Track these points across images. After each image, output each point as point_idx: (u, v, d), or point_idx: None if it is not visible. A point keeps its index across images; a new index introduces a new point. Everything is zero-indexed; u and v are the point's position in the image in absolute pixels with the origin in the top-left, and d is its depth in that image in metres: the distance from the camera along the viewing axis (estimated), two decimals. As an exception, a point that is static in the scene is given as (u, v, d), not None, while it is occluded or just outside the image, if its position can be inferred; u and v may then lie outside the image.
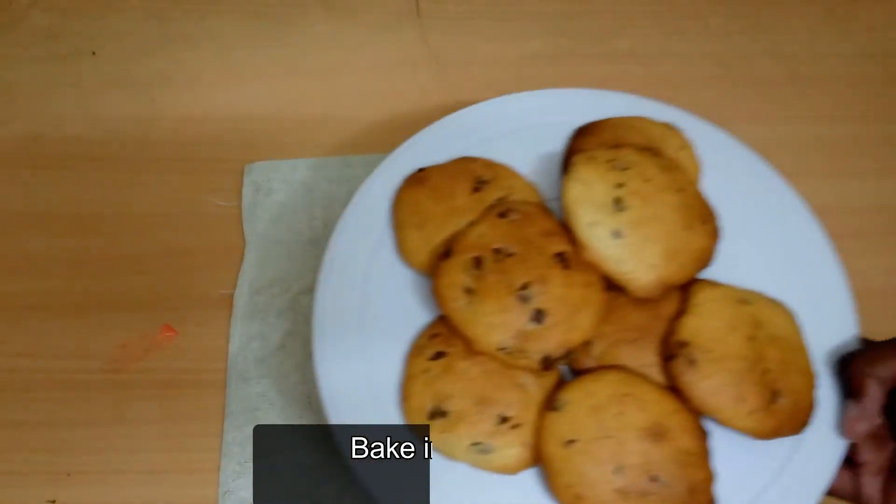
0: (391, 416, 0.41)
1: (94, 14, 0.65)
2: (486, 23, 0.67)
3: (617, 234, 0.42)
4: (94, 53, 0.63)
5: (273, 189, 0.56)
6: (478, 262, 0.42)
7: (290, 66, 0.63)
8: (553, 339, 0.40)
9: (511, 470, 0.40)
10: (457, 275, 0.42)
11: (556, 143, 0.48)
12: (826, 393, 0.43)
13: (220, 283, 0.53)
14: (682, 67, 0.65)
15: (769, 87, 0.65)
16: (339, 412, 0.41)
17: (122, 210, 0.55)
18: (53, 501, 0.46)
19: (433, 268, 0.43)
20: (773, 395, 0.41)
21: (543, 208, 0.45)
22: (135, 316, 0.51)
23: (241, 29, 0.65)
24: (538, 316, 0.41)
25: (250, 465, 0.47)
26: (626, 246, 0.42)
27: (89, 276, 0.53)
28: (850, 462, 0.42)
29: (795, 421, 0.41)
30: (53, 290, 0.52)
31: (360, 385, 0.42)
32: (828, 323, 0.45)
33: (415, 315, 0.44)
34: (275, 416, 0.48)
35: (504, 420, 0.40)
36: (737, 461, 0.41)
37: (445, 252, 0.43)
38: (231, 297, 0.52)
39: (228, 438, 0.47)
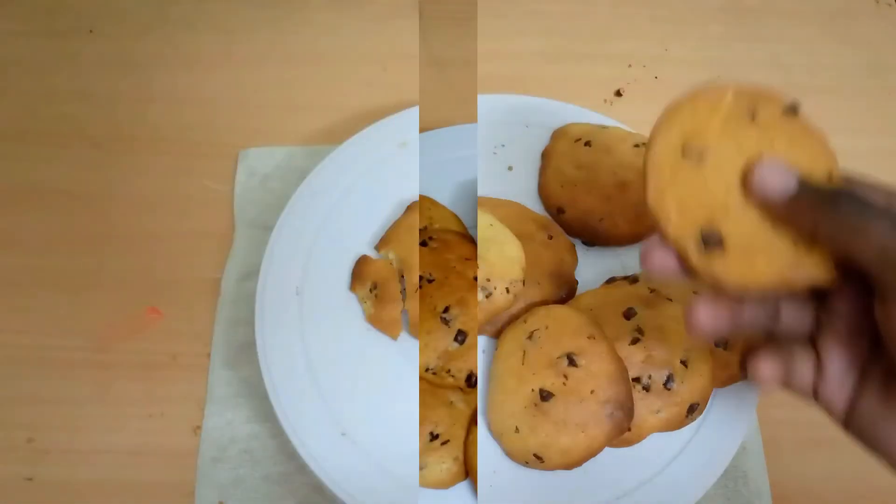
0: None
1: (93, -8, 0.64)
2: (485, 20, 0.66)
3: None
4: (91, 31, 0.62)
5: (268, 175, 0.56)
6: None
7: (289, 54, 0.63)
8: (475, 358, 0.43)
9: (444, 484, 0.42)
10: None
11: (474, 173, 0.51)
12: None
13: (208, 267, 0.52)
14: (681, 72, 0.65)
15: (766, 96, 0.65)
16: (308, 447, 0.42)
17: (114, 189, 0.55)
18: (31, 479, 0.45)
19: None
20: None
21: (462, 235, 0.48)
22: (121, 296, 0.51)
23: (240, 14, 0.65)
24: (460, 336, 0.42)
25: (229, 451, 0.46)
26: None
27: (77, 254, 0.52)
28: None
29: None
30: (40, 267, 0.52)
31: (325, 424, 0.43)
32: None
33: None
34: (257, 404, 0.47)
35: (434, 437, 0.42)
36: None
37: None
38: (219, 281, 0.52)
39: (209, 424, 0.47)
